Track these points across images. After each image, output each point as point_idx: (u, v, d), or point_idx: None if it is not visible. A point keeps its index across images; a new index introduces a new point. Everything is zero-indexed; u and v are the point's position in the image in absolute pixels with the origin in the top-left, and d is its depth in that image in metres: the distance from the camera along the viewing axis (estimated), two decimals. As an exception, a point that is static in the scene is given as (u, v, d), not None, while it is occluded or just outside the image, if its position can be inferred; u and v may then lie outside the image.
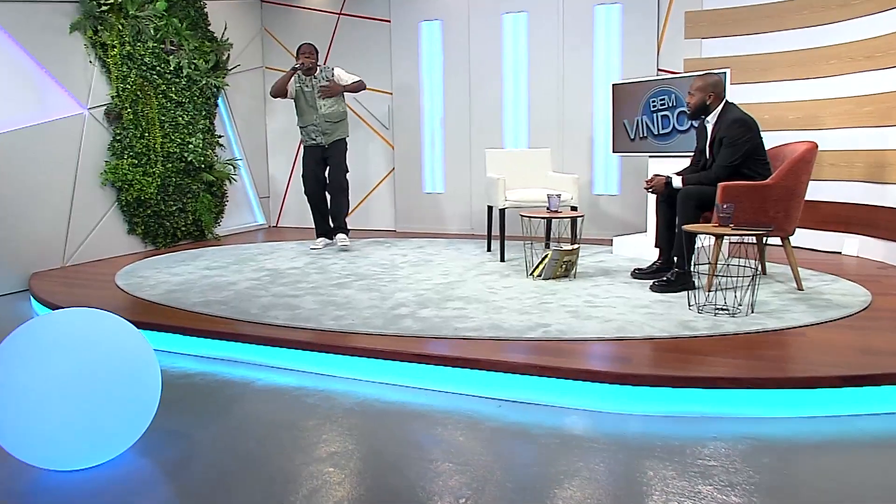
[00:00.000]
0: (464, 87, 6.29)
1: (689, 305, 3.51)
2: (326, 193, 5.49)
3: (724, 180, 3.77)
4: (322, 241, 5.55)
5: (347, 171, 5.45)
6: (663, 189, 4.04)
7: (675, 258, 3.94)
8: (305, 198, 5.49)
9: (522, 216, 4.49)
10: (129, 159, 5.43)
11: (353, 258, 5.19)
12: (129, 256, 5.52)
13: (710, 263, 3.71)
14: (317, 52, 5.36)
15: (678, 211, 3.85)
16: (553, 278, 4.27)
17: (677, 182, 3.98)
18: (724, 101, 3.91)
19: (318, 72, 5.34)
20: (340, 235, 5.44)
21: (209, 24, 6.27)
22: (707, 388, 2.52)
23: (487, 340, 3.05)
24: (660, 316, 3.35)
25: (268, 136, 7.26)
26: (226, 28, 6.42)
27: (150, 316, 3.60)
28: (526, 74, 6.06)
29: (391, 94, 6.54)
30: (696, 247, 3.82)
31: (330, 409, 2.66)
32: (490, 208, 5.27)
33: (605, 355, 2.86)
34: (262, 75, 7.14)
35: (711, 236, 3.63)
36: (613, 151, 5.23)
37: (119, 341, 2.13)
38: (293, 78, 5.31)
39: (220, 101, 6.46)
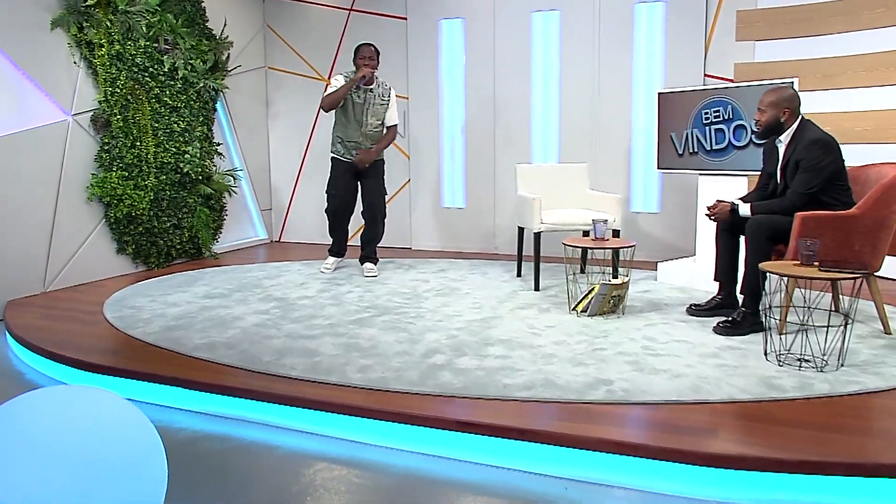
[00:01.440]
0: (487, 93, 6.04)
1: (766, 354, 3.22)
2: (351, 216, 5.25)
3: (801, 209, 3.48)
4: (334, 261, 5.30)
5: (386, 194, 5.21)
6: (728, 217, 3.75)
7: (743, 296, 3.64)
8: (327, 213, 5.19)
9: (566, 245, 4.19)
10: (119, 171, 5.16)
11: (369, 284, 4.92)
12: (118, 279, 5.23)
13: (781, 306, 3.42)
14: (378, 56, 4.95)
15: (748, 243, 3.56)
16: (599, 314, 3.98)
17: (745, 210, 3.68)
18: (799, 117, 3.61)
19: (374, 83, 4.96)
20: (369, 265, 5.20)
21: (207, 21, 5.99)
22: (817, 474, 2.21)
23: (544, 403, 2.74)
24: (735, 369, 3.06)
25: (270, 143, 7.00)
26: (225, 25, 6.13)
27: (147, 362, 3.30)
28: (557, 79, 5.81)
29: (407, 98, 6.29)
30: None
31: (365, 486, 2.34)
32: (521, 230, 5.01)
33: (684, 426, 2.55)
34: (265, 76, 6.89)
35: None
36: (659, 168, 4.96)
37: (118, 437, 1.80)
38: None
39: (218, 104, 6.16)
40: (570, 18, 5.70)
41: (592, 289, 4.04)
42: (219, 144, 6.13)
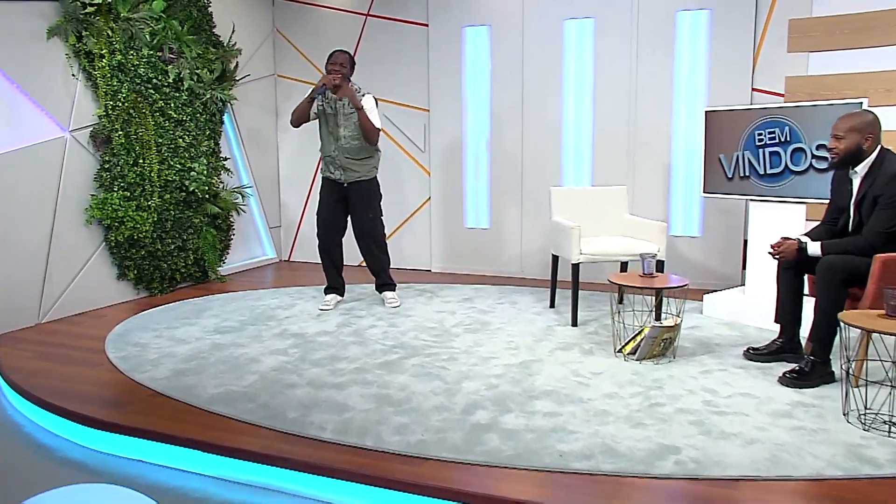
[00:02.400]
0: (515, 105, 5.85)
1: (845, 414, 3.00)
2: (342, 240, 5.00)
3: (880, 250, 3.27)
4: (333, 298, 5.00)
5: (381, 216, 4.92)
6: (795, 256, 3.53)
7: (811, 343, 3.43)
8: (318, 237, 4.95)
9: (612, 282, 3.98)
10: (120, 192, 4.97)
11: (392, 316, 4.73)
12: (119, 308, 5.05)
13: (857, 359, 3.21)
14: (352, 64, 4.73)
15: (818, 287, 3.34)
16: (649, 358, 3.78)
17: (814, 249, 3.47)
18: (879, 146, 3.39)
19: (348, 92, 4.68)
20: (388, 294, 5.03)
21: (214, 27, 5.78)
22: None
23: (609, 477, 2.54)
24: (815, 434, 2.85)
25: (279, 157, 6.82)
26: (233, 31, 5.93)
27: (158, 418, 3.10)
28: (591, 92, 5.62)
29: (428, 110, 6.11)
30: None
31: None
32: (555, 258, 4.84)
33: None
34: (274, 85, 6.71)
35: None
36: (705, 192, 4.77)
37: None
38: (317, 98, 4.72)
39: (225, 116, 5.95)
40: (605, 26, 5.51)
41: (641, 331, 3.84)
42: (226, 159, 5.95)
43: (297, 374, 3.62)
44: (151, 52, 5.17)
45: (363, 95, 4.67)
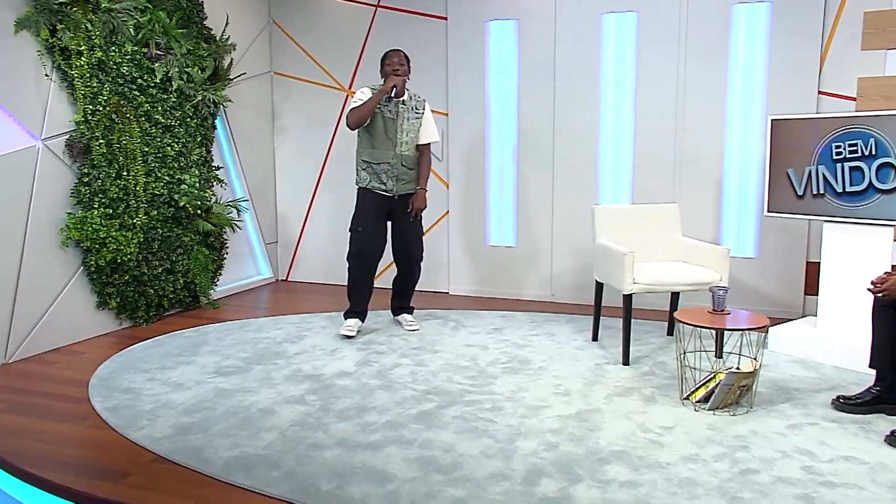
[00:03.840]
0: (546, 110, 5.65)
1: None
2: (378, 264, 4.85)
3: None
4: (357, 323, 4.82)
5: (423, 235, 4.99)
6: (901, 293, 3.27)
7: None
8: (349, 260, 4.74)
9: (681, 321, 3.70)
10: (102, 209, 4.70)
11: (416, 350, 4.51)
12: (100, 342, 4.75)
13: None
14: (408, 62, 4.69)
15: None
16: (723, 407, 3.55)
17: (925, 286, 3.20)
18: None
19: (406, 95, 4.67)
20: (408, 318, 4.99)
21: (205, 19, 5.55)
22: None
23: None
24: (949, 511, 2.57)
25: (276, 164, 6.61)
26: (227, 23, 5.67)
27: (166, 494, 2.79)
28: (632, 96, 5.43)
29: (446, 114, 5.91)
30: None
31: None
32: (599, 286, 4.63)
33: None
34: (270, 83, 6.48)
35: None
36: (769, 212, 4.54)
37: None
38: None
39: (217, 121, 5.72)
40: (650, 22, 5.31)
41: (713, 376, 3.59)
42: (218, 168, 5.71)
43: (321, 429, 3.33)
44: (136, 49, 4.92)
45: (423, 101, 4.79)
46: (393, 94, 4.53)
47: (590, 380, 3.99)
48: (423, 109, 4.72)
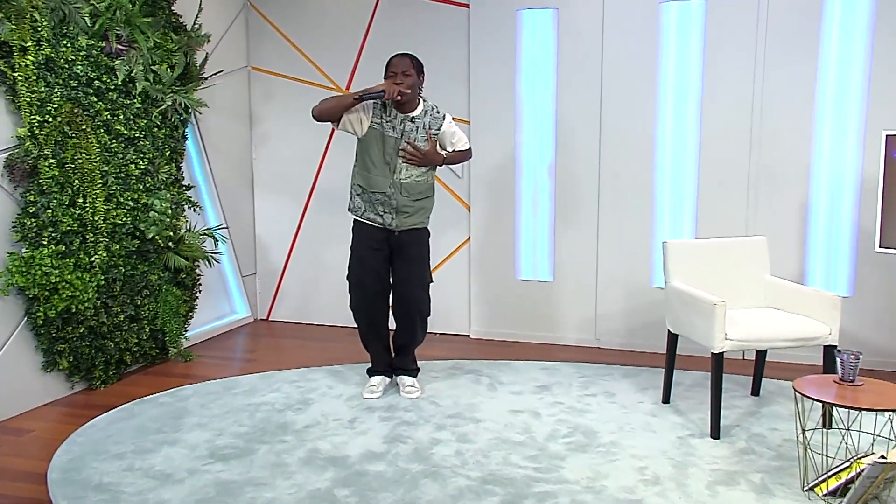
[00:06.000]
0: (591, 117, 5.45)
1: None
2: (388, 308, 4.66)
3: None
4: (381, 381, 4.60)
5: (431, 281, 4.65)
6: None
7: None
8: (353, 314, 4.59)
9: (806, 395, 3.34)
10: (53, 246, 4.31)
11: (453, 419, 4.20)
12: (48, 412, 4.34)
13: None
14: (420, 73, 4.36)
15: None
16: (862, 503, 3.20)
17: None
18: None
19: (417, 108, 4.36)
20: (407, 380, 4.65)
21: (173, 3, 5.26)
22: None
23: None
24: None
25: (255, 180, 6.38)
26: (201, 8, 5.36)
27: None
28: (697, 100, 5.26)
29: (468, 123, 5.67)
30: None
31: None
32: (673, 337, 4.38)
33: None
34: (247, 81, 6.23)
35: None
36: (882, 246, 4.31)
37: None
38: (366, 107, 4.33)
39: (187, 129, 5.43)
40: (720, 11, 5.11)
41: (849, 466, 3.28)
42: (189, 188, 5.39)
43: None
44: (92, 43, 4.56)
45: (442, 116, 4.46)
46: (382, 99, 4.23)
47: (679, 461, 3.68)
48: (441, 126, 4.43)
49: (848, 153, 4.90)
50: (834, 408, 3.81)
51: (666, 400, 4.43)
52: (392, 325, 4.60)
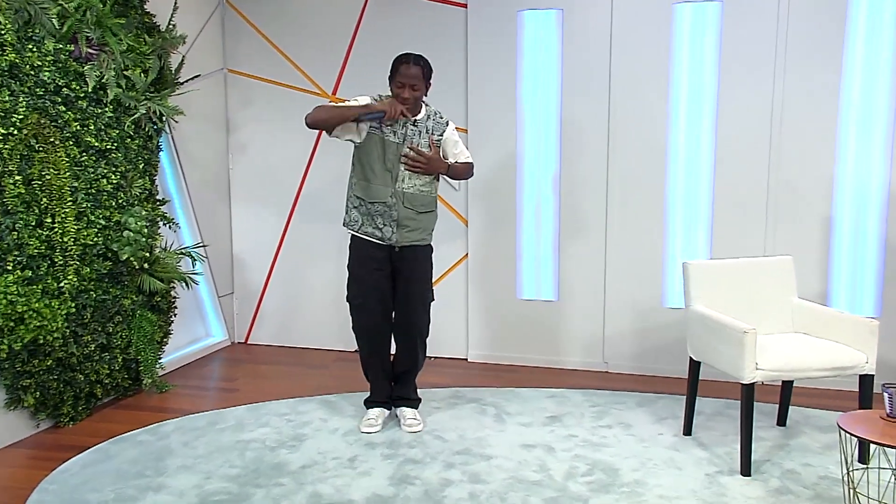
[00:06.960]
0: (598, 125, 5.44)
1: None
2: (391, 332, 4.59)
3: None
4: (380, 414, 4.51)
5: (433, 300, 4.59)
6: None
7: None
8: (355, 336, 4.53)
9: (849, 433, 3.27)
10: (18, 272, 4.14)
11: (462, 456, 4.10)
12: (12, 454, 4.16)
13: None
14: (428, 81, 4.33)
15: None
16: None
17: None
18: None
19: (421, 114, 4.33)
20: (408, 412, 4.57)
21: (146, 1, 5.10)
22: None
23: None
24: None
25: (232, 193, 6.27)
26: (176, 7, 5.21)
27: None
28: (712, 107, 5.24)
29: (465, 130, 5.59)
30: None
31: None
32: (695, 365, 4.31)
33: None
34: (224, 84, 6.14)
35: None
36: None
37: None
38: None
39: (161, 139, 5.29)
40: (738, 13, 5.10)
41: None
42: (163, 203, 5.26)
43: None
44: (60, 47, 4.40)
45: (445, 122, 4.42)
46: (383, 121, 4.20)
47: (711, 502, 3.59)
48: (444, 134, 4.40)
49: (874, 164, 4.90)
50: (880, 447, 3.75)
51: (687, 432, 4.35)
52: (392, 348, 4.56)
